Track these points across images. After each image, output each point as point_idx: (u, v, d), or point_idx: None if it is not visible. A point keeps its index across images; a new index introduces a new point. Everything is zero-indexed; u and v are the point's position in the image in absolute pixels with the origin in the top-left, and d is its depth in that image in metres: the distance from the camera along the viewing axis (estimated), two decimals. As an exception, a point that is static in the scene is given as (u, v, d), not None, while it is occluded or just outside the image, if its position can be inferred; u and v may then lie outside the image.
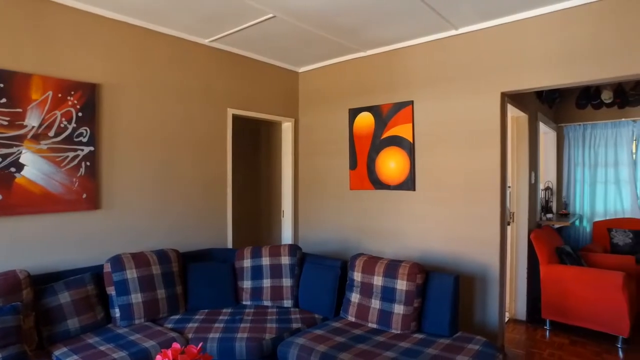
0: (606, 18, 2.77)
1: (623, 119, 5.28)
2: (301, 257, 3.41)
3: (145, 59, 3.28)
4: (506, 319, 4.16)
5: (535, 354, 3.44)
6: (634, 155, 5.26)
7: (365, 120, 3.87)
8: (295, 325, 2.87)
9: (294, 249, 3.37)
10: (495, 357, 2.38)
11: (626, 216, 5.26)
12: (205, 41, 3.66)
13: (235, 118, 4.08)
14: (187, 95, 3.57)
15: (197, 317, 2.93)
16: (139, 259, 2.89)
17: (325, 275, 3.18)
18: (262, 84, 4.16)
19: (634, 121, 5.22)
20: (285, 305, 3.25)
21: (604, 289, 3.52)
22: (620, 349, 3.52)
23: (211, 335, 2.63)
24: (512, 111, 3.86)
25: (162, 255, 3.02)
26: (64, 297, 2.55)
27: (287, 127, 4.47)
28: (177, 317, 2.93)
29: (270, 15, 3.10)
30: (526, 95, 4.11)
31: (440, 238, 3.47)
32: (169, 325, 2.79)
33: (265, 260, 3.34)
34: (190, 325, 2.78)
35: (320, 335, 2.66)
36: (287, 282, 3.28)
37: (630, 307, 3.49)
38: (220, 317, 2.94)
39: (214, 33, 3.49)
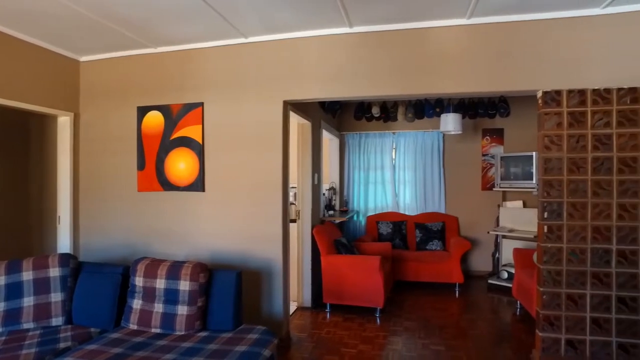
0: (359, 48, 3.37)
1: (386, 131, 6.46)
2: (76, 267, 3.06)
3: None
4: (295, 308, 4.58)
5: (315, 334, 3.89)
6: (393, 161, 6.49)
7: (155, 119, 3.73)
8: (63, 345, 2.56)
9: (66, 258, 3.00)
10: (271, 342, 2.61)
11: (389, 210, 6.44)
12: (-60, 8, 2.93)
13: (-9, 107, 3.38)
14: None
15: None
16: None
17: (105, 283, 2.93)
18: (30, 69, 3.55)
19: (393, 133, 6.45)
20: (54, 324, 2.87)
21: (367, 271, 4.24)
22: (377, 318, 4.30)
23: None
24: (297, 118, 4.27)
25: None
26: None
27: (64, 121, 3.93)
28: None
29: (33, -9, 2.71)
30: (310, 104, 4.62)
31: (229, 237, 3.60)
32: None
33: (27, 275, 2.88)
34: None
35: (93, 350, 2.44)
36: (57, 297, 2.90)
37: (385, 284, 4.30)
38: (-45, 352, 2.40)
39: (-48, 0, 2.83)
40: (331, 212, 5.59)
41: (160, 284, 2.80)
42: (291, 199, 4.95)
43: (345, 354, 3.44)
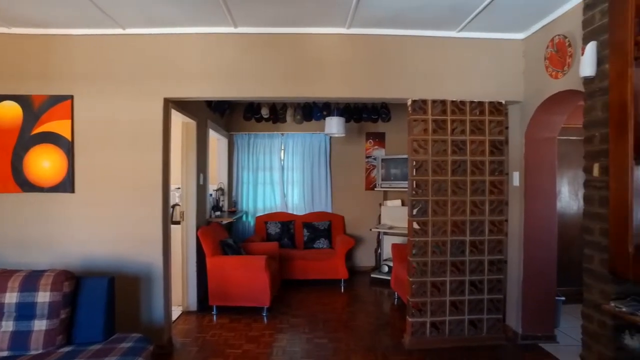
0: (245, 50, 3.39)
1: (275, 132, 6.54)
2: None
3: None
4: (179, 313, 4.40)
5: (200, 338, 3.78)
6: (282, 162, 6.60)
7: (10, 111, 3.27)
8: None
9: None
10: (146, 349, 2.48)
11: (277, 211, 6.53)
12: None
13: None
14: None
15: None
16: None
17: (-63, 302, 2.48)
18: None
19: (282, 134, 6.56)
20: None
21: (253, 271, 4.25)
22: (265, 317, 4.34)
23: None
24: (181, 117, 4.11)
25: None
26: None
27: None
28: None
29: None
30: (195, 103, 4.47)
31: (103, 241, 3.33)
32: None
33: None
34: None
35: None
36: None
37: (271, 283, 4.35)
38: None
39: None
40: (218, 212, 5.48)
41: (12, 298, 2.45)
42: (176, 199, 4.75)
43: (229, 355, 3.41)
